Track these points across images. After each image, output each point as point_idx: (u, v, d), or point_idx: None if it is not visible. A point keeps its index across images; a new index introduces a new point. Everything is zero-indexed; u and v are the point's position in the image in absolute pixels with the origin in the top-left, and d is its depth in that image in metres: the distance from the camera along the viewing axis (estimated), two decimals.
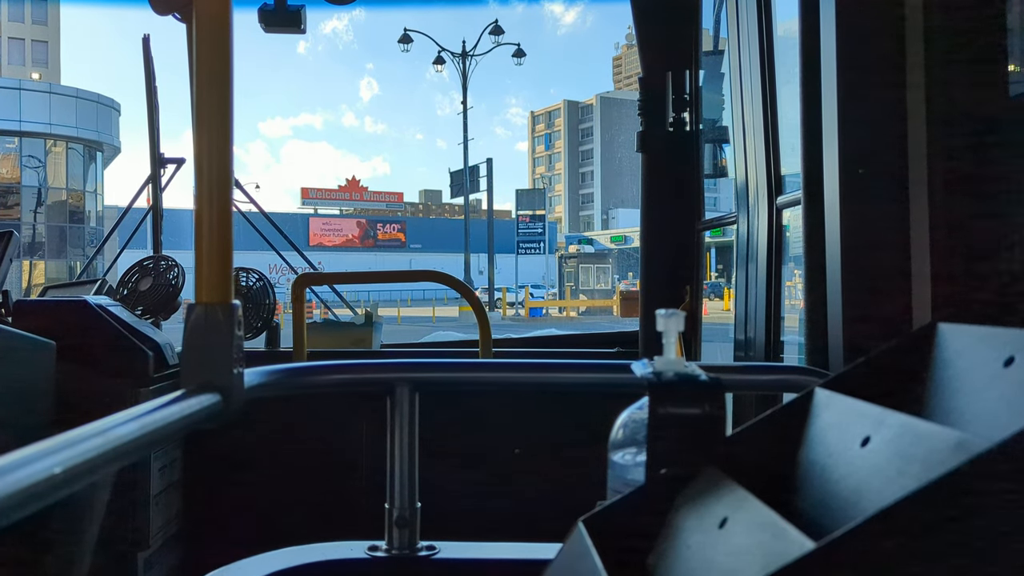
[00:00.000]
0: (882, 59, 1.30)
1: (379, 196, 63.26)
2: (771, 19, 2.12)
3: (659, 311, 0.84)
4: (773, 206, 2.11)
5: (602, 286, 43.37)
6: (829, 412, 0.70)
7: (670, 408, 0.77)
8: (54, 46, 48.61)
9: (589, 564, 0.66)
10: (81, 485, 0.69)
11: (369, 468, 2.39)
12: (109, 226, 4.55)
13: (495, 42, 30.74)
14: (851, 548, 0.48)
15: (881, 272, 1.31)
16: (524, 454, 2.50)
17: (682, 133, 2.79)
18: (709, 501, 0.66)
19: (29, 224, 33.49)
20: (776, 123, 2.12)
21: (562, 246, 49.63)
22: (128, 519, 2.21)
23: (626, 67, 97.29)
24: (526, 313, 29.03)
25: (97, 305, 2.28)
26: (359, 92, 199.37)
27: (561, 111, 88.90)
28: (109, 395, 2.15)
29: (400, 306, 28.43)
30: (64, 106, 33.87)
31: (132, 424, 0.80)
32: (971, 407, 0.64)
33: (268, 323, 2.95)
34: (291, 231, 4.40)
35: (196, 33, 0.99)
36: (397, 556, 1.44)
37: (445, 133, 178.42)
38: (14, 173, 34.01)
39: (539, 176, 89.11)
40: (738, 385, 1.66)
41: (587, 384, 1.62)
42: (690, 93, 2.78)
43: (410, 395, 1.45)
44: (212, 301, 0.98)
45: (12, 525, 0.59)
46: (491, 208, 33.97)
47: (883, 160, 1.31)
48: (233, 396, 0.98)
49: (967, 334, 0.69)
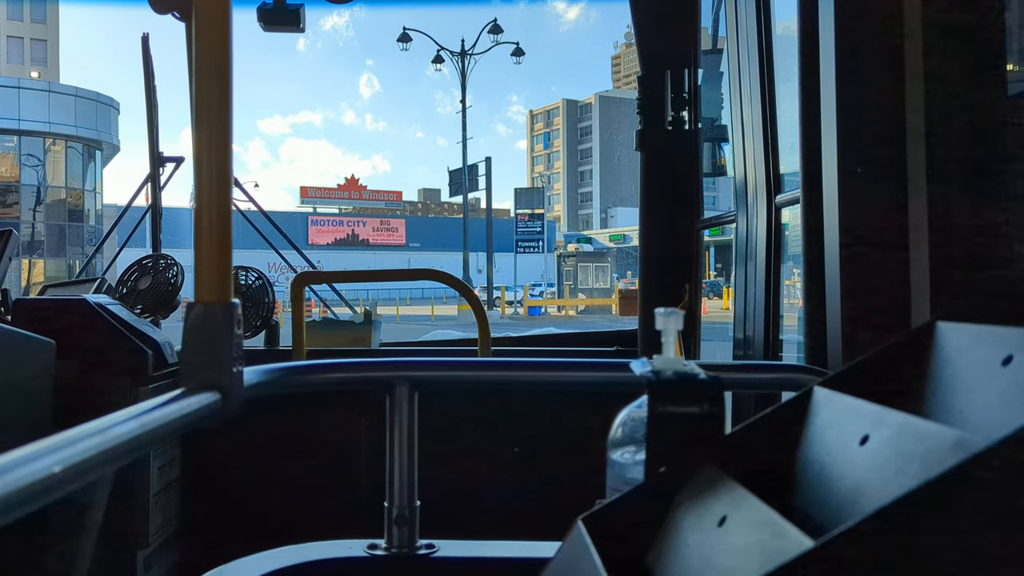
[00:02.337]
0: (880, 57, 1.30)
1: (378, 195, 63.26)
2: (770, 17, 2.12)
3: (658, 310, 0.84)
4: (772, 205, 2.11)
5: (601, 285, 43.37)
6: (828, 411, 0.70)
7: (669, 407, 0.77)
8: (53, 45, 48.54)
9: (588, 562, 0.66)
10: (80, 484, 0.69)
11: (368, 466, 2.39)
12: (108, 225, 4.54)
13: (494, 41, 30.75)
14: (850, 546, 0.48)
15: (880, 271, 1.31)
16: (523, 452, 2.50)
17: (681, 132, 2.79)
18: (708, 499, 0.66)
19: (28, 223, 33.46)
20: (775, 121, 2.12)
21: (561, 245, 49.64)
22: (127, 518, 2.21)
23: (625, 66, 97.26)
24: (525, 312, 29.04)
25: (96, 304, 2.28)
26: (359, 90, 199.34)
27: (560, 110, 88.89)
28: (108, 394, 2.15)
29: (399, 305, 28.43)
30: (63, 105, 33.84)
31: (131, 423, 0.80)
32: (970, 405, 0.64)
33: (267, 322, 2.95)
34: (290, 230, 4.40)
35: (195, 31, 0.99)
36: (396, 554, 1.44)
37: (446, 131, 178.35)
38: (13, 172, 33.98)
39: (538, 175, 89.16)
40: (737, 384, 1.66)
41: (586, 383, 1.62)
42: (689, 92, 2.78)
43: (409, 394, 1.46)
44: (211, 300, 0.98)
45: (12, 524, 0.59)
46: (490, 207, 33.97)
47: (882, 159, 1.31)
48: (232, 395, 0.98)
49: (966, 332, 0.69)
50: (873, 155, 1.32)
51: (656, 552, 0.69)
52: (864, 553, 0.48)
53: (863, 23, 1.32)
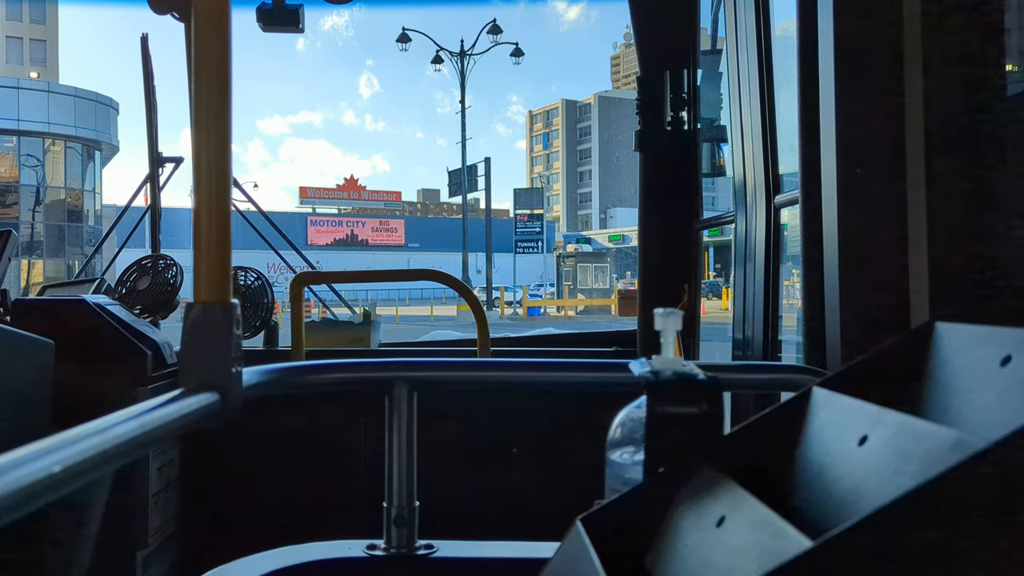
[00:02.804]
0: (879, 58, 1.30)
1: (377, 195, 63.28)
2: (769, 18, 2.12)
3: (657, 310, 0.84)
4: (771, 205, 2.11)
5: (600, 285, 43.36)
6: (827, 411, 0.70)
7: (668, 407, 0.77)
8: (52, 45, 48.52)
9: (587, 563, 0.66)
10: (80, 484, 0.69)
11: (367, 467, 2.39)
12: (107, 225, 4.55)
13: (493, 41, 30.75)
14: (848, 547, 0.48)
15: (879, 271, 1.31)
16: (522, 453, 2.50)
17: (680, 132, 2.79)
18: (707, 500, 0.66)
19: (27, 223, 33.46)
20: (774, 122, 2.12)
21: (560, 245, 49.63)
22: (127, 518, 2.21)
23: (624, 66, 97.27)
24: (524, 312, 29.04)
25: (96, 304, 2.28)
26: (359, 90, 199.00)
27: (559, 110, 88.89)
28: (107, 394, 2.15)
29: (398, 305, 28.44)
30: (62, 105, 33.84)
31: (131, 423, 0.80)
32: (968, 406, 0.64)
33: (266, 322, 2.95)
34: (289, 230, 4.40)
35: (195, 32, 0.99)
36: (395, 555, 1.44)
37: (445, 131, 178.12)
38: (12, 172, 33.99)
39: (537, 175, 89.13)
40: (736, 384, 1.66)
41: (585, 383, 1.62)
42: (688, 92, 2.79)
43: (408, 394, 1.46)
44: (210, 300, 0.98)
45: (11, 524, 0.59)
46: (489, 207, 33.96)
47: (881, 159, 1.31)
48: (231, 395, 0.98)
49: (964, 333, 0.70)
50: (872, 156, 1.32)
51: (655, 552, 0.69)
52: (862, 553, 0.48)
53: (862, 23, 1.32)
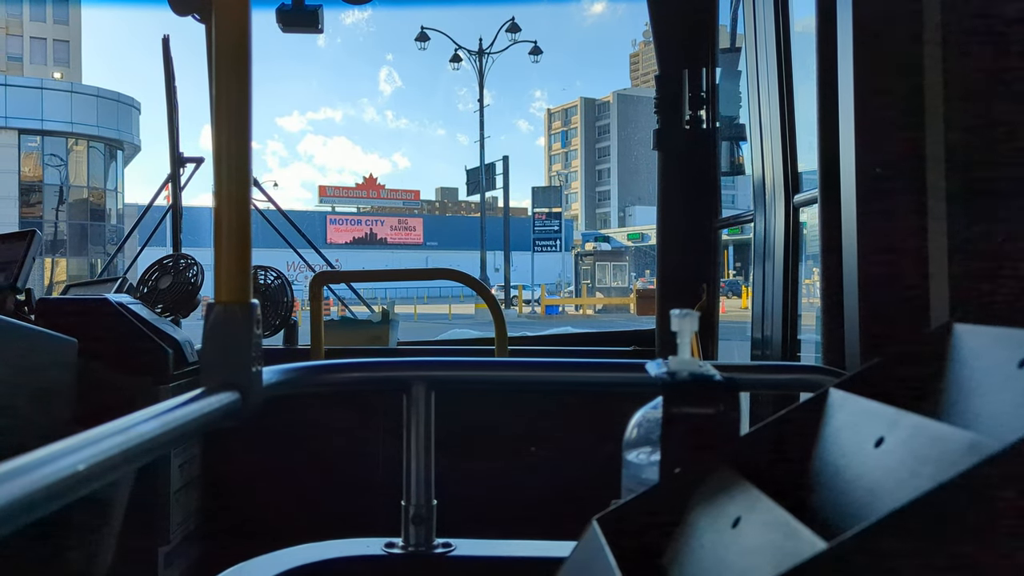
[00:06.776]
0: (899, 57, 1.29)
1: (396, 194, 63.42)
2: (788, 16, 2.11)
3: (673, 311, 0.84)
4: (790, 204, 2.10)
5: (619, 284, 43.19)
6: (843, 412, 0.70)
7: (684, 408, 0.77)
8: (75, 46, 49.04)
9: (603, 563, 0.66)
10: (103, 482, 0.70)
11: (385, 465, 2.40)
12: (129, 224, 4.60)
13: (511, 40, 30.74)
14: (863, 549, 0.48)
15: (898, 271, 1.30)
16: (539, 452, 2.51)
17: (699, 131, 2.78)
18: (722, 501, 0.66)
19: (51, 222, 33.87)
20: (793, 121, 2.11)
21: (578, 243, 49.51)
22: (148, 515, 2.24)
23: (643, 64, 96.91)
24: (542, 311, 29.02)
25: (118, 303, 2.31)
26: (379, 86, 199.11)
27: (578, 108, 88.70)
28: (130, 392, 2.18)
29: (416, 303, 28.50)
30: (85, 105, 34.20)
31: (153, 422, 0.81)
32: (985, 408, 0.63)
33: (286, 321, 2.98)
34: (308, 229, 4.43)
35: (215, 33, 1.00)
36: (413, 553, 1.45)
37: (467, 128, 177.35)
38: (36, 171, 34.38)
39: (555, 173, 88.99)
40: (752, 384, 1.65)
41: (602, 383, 1.62)
42: (707, 90, 2.78)
43: (426, 393, 1.46)
44: (231, 300, 0.99)
45: (37, 521, 0.61)
46: (507, 206, 33.98)
47: (900, 159, 1.30)
48: (252, 394, 0.99)
49: (983, 335, 0.69)
50: (891, 155, 1.31)
51: (670, 552, 0.69)
52: (877, 555, 0.48)
53: (882, 23, 1.31)
